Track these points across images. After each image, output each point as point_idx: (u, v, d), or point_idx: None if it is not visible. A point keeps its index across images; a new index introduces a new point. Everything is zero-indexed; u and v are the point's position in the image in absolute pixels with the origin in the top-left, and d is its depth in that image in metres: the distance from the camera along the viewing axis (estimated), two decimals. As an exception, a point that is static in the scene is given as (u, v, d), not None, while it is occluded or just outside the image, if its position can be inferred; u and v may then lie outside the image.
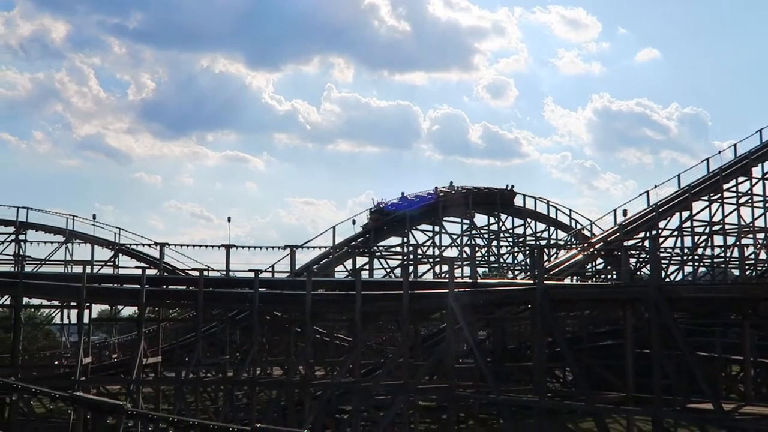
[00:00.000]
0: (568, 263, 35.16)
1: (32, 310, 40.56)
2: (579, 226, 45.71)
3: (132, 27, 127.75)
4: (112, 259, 40.04)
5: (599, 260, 38.64)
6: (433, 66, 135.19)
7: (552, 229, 46.19)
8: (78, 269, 30.83)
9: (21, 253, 38.20)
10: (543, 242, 44.69)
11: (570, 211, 46.44)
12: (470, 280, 27.95)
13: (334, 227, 39.42)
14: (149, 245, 39.49)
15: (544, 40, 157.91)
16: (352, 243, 39.27)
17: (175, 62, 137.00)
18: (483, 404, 26.91)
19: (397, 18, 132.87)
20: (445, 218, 42.78)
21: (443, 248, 42.35)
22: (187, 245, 36.83)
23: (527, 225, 46.02)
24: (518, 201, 45.11)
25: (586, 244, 39.06)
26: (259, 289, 26.19)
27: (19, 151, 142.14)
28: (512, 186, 44.95)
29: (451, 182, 43.89)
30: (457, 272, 30.95)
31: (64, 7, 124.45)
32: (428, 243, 42.22)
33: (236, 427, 10.54)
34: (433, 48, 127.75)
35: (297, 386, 26.60)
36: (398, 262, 39.75)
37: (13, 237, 40.49)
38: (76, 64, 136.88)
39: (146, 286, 26.24)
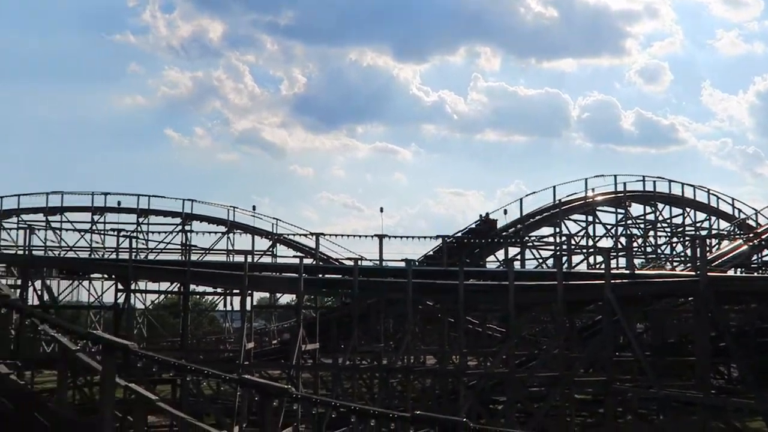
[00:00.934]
0: (731, 254, 33.54)
1: (197, 296, 42.67)
2: (743, 216, 43.45)
3: (283, 24, 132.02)
4: (271, 249, 41.67)
5: (766, 251, 36.58)
6: (582, 52, 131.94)
7: (713, 218, 44.18)
8: (239, 258, 32.29)
9: (187, 242, 40.31)
10: (704, 232, 42.76)
11: (732, 199, 44.25)
12: (627, 271, 27.18)
13: (484, 217, 39.34)
14: (305, 235, 40.81)
15: (701, 20, 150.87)
16: (504, 233, 38.99)
17: (325, 57, 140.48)
18: (642, 399, 26.08)
19: (544, 4, 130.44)
20: (598, 208, 41.75)
21: (597, 238, 41.38)
22: (341, 235, 37.82)
23: (686, 214, 44.22)
24: (676, 189, 43.43)
25: (751, 234, 37.09)
26: (412, 279, 26.48)
27: (183, 146, 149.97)
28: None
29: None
30: (612, 263, 30.20)
31: (220, 7, 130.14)
32: (581, 233, 41.34)
33: (396, 413, 10.74)
34: (582, 33, 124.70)
35: (451, 375, 26.75)
36: (551, 252, 39.14)
37: (180, 228, 42.90)
38: (232, 62, 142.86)
39: (304, 274, 27.07)
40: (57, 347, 12.93)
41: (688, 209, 43.95)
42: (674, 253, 42.52)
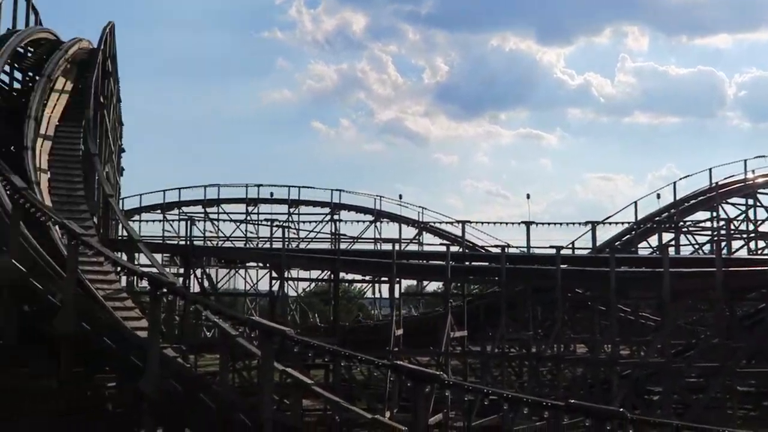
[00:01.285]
0: None
1: (346, 284, 43.58)
2: None
3: (424, 13, 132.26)
4: (417, 237, 42.01)
5: None
6: (738, 26, 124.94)
7: None
8: (387, 246, 32.73)
9: (336, 231, 41.23)
10: None
11: None
12: (793, 257, 25.66)
13: (635, 202, 38.09)
14: (450, 223, 40.91)
15: None
16: (656, 218, 37.60)
17: (467, 44, 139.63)
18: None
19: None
20: (760, 191, 39.50)
21: (759, 222, 39.18)
22: (486, 222, 37.66)
23: None
24: None
25: None
26: (561, 266, 26.01)
27: (329, 138, 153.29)
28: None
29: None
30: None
31: (363, 0, 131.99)
32: (741, 217, 39.25)
33: (549, 402, 10.61)
34: (738, 7, 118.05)
35: (603, 364, 26.11)
36: (707, 237, 37.40)
37: (329, 217, 43.97)
38: (375, 53, 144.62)
39: (451, 262, 27.12)
40: (218, 332, 13.56)
41: None
42: None
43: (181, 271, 27.97)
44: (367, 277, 34.11)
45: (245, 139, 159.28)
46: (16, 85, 24.61)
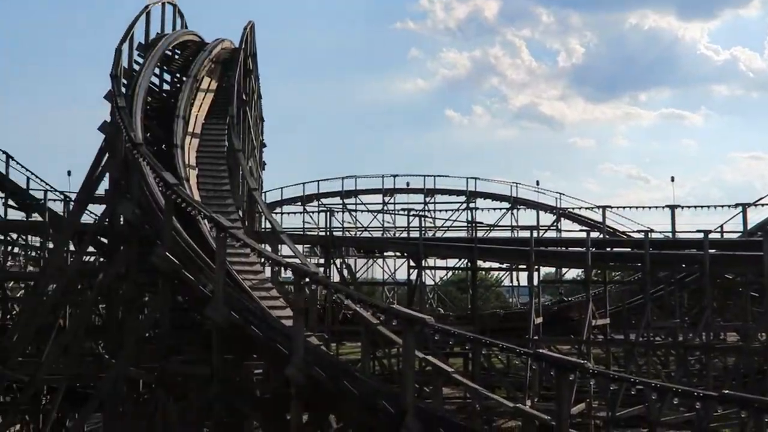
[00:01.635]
0: None
1: (483, 272, 43.37)
2: None
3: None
4: (555, 223, 41.26)
5: None
6: None
7: None
8: (524, 234, 32.33)
9: (473, 219, 41.09)
10: None
11: None
12: None
13: (790, 182, 35.95)
14: (590, 208, 39.93)
15: None
16: (815, 199, 35.33)
17: (603, 24, 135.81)
18: None
19: None
20: None
21: None
22: (628, 207, 36.51)
23: None
24: None
25: None
26: (709, 251, 24.92)
27: (463, 125, 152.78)
28: None
29: None
30: None
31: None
32: None
33: (701, 392, 10.23)
34: None
35: (757, 353, 24.88)
36: None
37: (465, 205, 43.86)
38: (507, 38, 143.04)
39: (591, 248, 26.50)
40: (359, 321, 13.82)
41: None
42: None
43: (322, 261, 28.63)
44: (505, 265, 33.79)
45: (380, 130, 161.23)
46: (165, 87, 25.87)
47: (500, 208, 43.78)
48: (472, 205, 43.30)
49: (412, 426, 9.90)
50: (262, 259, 16.01)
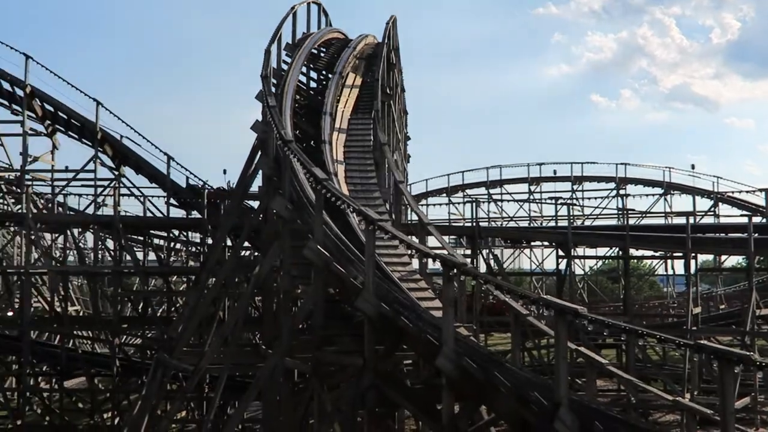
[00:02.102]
0: None
1: (635, 261, 42.17)
2: None
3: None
4: (712, 209, 39.50)
5: None
6: None
7: None
8: (678, 220, 31.16)
9: (623, 206, 39.95)
10: None
11: None
12: None
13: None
14: (750, 192, 37.98)
15: None
16: None
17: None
18: None
19: None
20: None
21: None
22: (793, 189, 34.47)
23: None
24: None
25: None
26: None
27: (610, 110, 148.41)
28: None
29: None
30: None
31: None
32: None
33: None
34: None
35: None
36: None
37: (614, 192, 42.70)
38: (656, 17, 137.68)
39: (754, 234, 25.16)
40: (510, 312, 13.72)
41: None
42: None
43: (468, 252, 28.60)
44: (659, 253, 32.67)
45: (524, 118, 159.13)
46: (312, 84, 26.58)
47: (652, 194, 42.42)
48: (622, 191, 42.22)
49: (566, 418, 9.72)
50: (411, 251, 16.16)
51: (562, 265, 28.23)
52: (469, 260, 27.51)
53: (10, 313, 30.53)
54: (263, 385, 16.90)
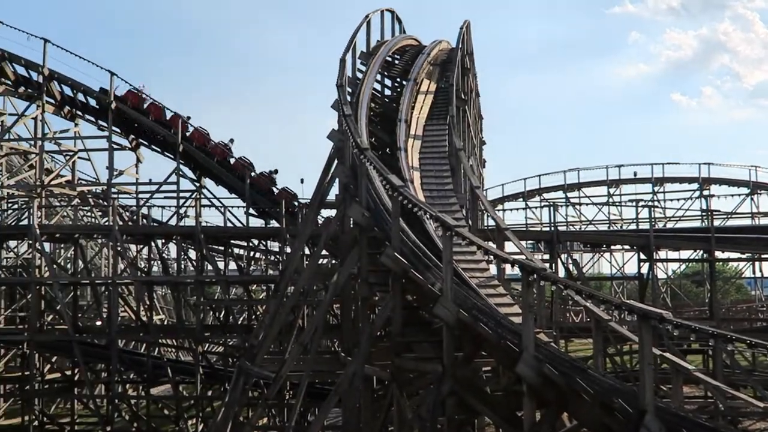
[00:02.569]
0: None
1: (721, 264, 41.01)
2: None
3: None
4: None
5: None
6: None
7: None
8: (765, 220, 30.16)
9: (707, 207, 38.90)
10: None
11: None
12: None
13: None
14: None
15: None
16: None
17: None
18: None
19: None
20: None
21: None
22: None
23: None
24: None
25: None
26: None
27: (691, 109, 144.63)
28: None
29: None
30: None
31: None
32: None
33: None
34: None
35: None
36: None
37: (698, 193, 41.61)
38: (738, 12, 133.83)
39: None
40: (589, 316, 13.49)
41: None
42: None
43: (546, 257, 28.25)
44: (746, 255, 31.70)
45: (602, 120, 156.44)
46: (387, 92, 26.70)
47: (738, 195, 41.20)
48: (706, 192, 41.13)
49: (652, 426, 9.49)
50: (488, 257, 16.04)
51: (644, 269, 27.64)
52: (547, 265, 27.20)
53: (98, 323, 31.55)
54: (343, 392, 16.99)
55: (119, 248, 27.68)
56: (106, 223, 29.44)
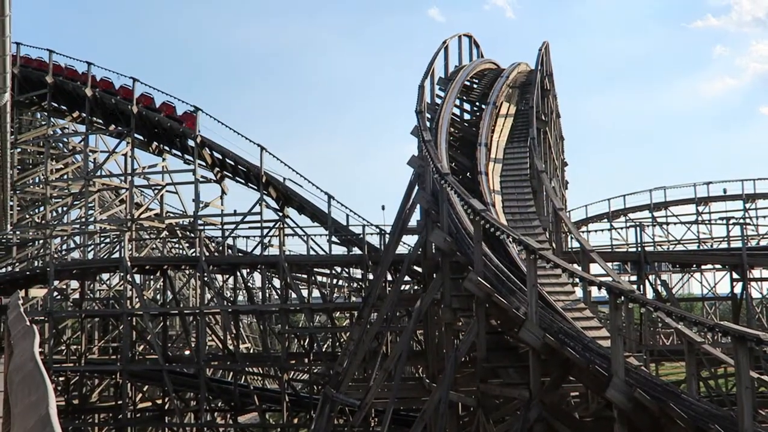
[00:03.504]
0: None
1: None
2: None
3: None
4: None
5: None
6: None
7: None
8: None
9: None
10: None
11: None
12: None
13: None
14: None
15: None
16: None
17: None
18: None
19: None
20: None
21: None
22: None
23: None
24: None
25: None
26: None
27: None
28: None
29: None
30: None
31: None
32: None
33: None
34: None
35: None
36: None
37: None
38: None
39: None
40: (681, 339, 13.09)
41: None
42: None
43: (634, 278, 27.56)
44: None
45: (688, 136, 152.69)
46: (466, 116, 26.67)
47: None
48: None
49: (752, 452, 9.14)
50: (573, 279, 15.77)
51: (738, 289, 26.65)
52: (635, 287, 26.56)
53: (187, 352, 32.19)
54: (429, 418, 16.88)
55: (206, 278, 28.25)
56: (193, 254, 30.09)
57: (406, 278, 25.01)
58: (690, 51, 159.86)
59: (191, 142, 31.92)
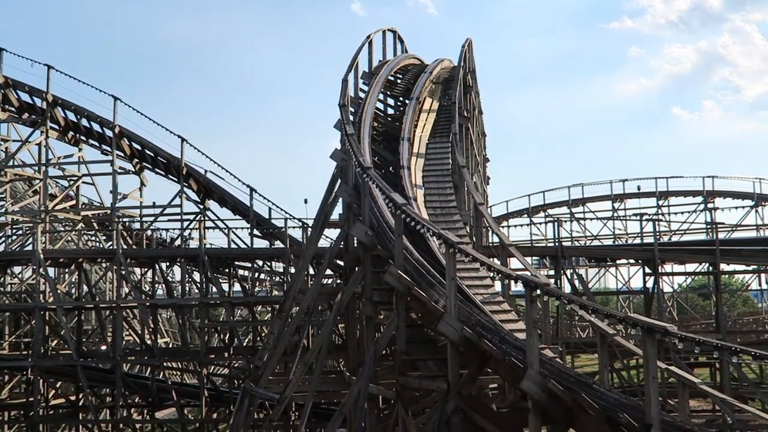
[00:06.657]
0: None
1: (726, 276, 40.96)
2: None
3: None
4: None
5: None
6: None
7: None
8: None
9: (712, 220, 38.87)
10: None
11: None
12: None
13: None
14: None
15: None
16: None
17: None
18: None
19: None
20: None
21: None
22: None
23: None
24: None
25: None
26: None
27: (692, 122, 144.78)
28: None
29: None
30: None
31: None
32: None
33: None
34: None
35: None
36: None
37: (702, 206, 41.59)
38: (737, 25, 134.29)
39: None
40: (595, 332, 13.44)
41: None
42: None
43: (552, 272, 28.18)
44: (752, 267, 31.61)
45: (605, 135, 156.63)
46: (389, 110, 26.76)
47: (743, 207, 41.14)
48: (710, 205, 41.12)
49: (658, 440, 9.45)
50: (492, 273, 16.01)
51: (650, 283, 27.53)
52: (552, 281, 27.14)
53: (103, 347, 31.49)
54: (348, 411, 16.93)
55: (123, 272, 27.67)
56: (111, 247, 29.44)
57: (328, 272, 25.00)
58: (606, 52, 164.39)
59: (109, 133, 31.20)
